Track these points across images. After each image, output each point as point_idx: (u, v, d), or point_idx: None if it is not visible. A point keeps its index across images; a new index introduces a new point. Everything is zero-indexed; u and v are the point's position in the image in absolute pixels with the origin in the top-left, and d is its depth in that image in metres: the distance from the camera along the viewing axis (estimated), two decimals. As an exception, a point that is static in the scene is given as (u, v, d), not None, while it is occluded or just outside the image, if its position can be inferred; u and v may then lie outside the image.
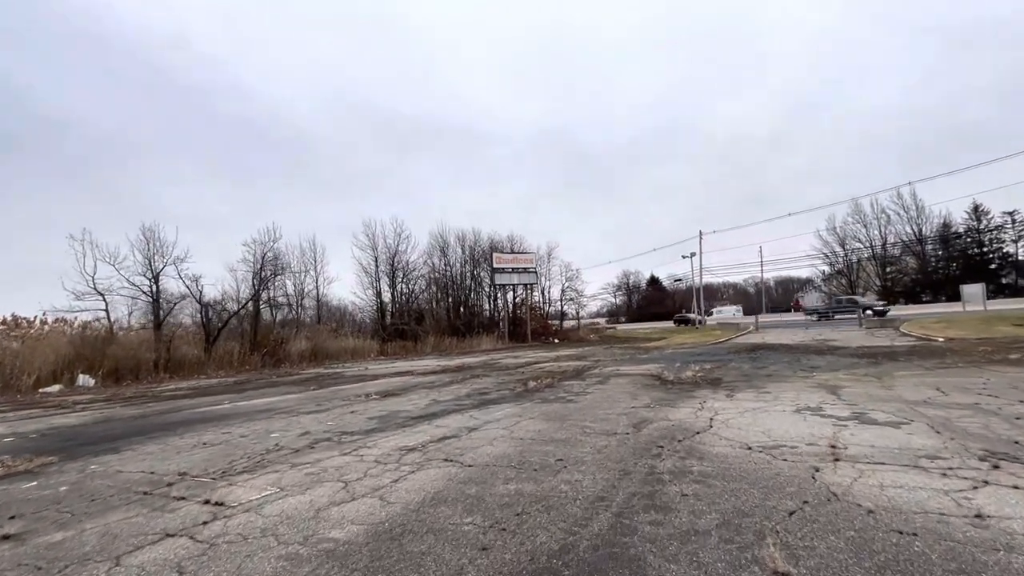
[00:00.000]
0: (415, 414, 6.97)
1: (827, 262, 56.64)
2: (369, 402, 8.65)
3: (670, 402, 6.74)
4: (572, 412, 6.34)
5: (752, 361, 12.16)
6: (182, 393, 12.65)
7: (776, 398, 6.58)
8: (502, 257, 38.03)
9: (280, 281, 31.05)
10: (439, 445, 4.84)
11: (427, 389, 10.17)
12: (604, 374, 11.12)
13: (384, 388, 10.84)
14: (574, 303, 48.15)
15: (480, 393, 8.96)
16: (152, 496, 3.68)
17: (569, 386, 9.20)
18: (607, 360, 15.21)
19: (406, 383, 11.74)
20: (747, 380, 8.69)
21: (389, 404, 8.21)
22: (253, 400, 10.07)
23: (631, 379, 9.83)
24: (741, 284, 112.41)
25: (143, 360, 17.39)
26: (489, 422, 5.97)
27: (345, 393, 10.29)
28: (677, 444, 4.36)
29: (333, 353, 25.31)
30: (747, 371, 10.13)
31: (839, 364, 10.39)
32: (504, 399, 7.99)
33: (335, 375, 15.80)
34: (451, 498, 3.25)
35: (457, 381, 11.45)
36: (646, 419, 5.59)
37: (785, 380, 8.41)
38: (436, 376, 13.15)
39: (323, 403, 8.87)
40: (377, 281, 33.91)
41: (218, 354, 20.72)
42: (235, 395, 11.36)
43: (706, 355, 15.05)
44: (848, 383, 7.62)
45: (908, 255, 49.31)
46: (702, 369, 10.85)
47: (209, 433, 6.31)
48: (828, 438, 4.26)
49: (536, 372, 12.43)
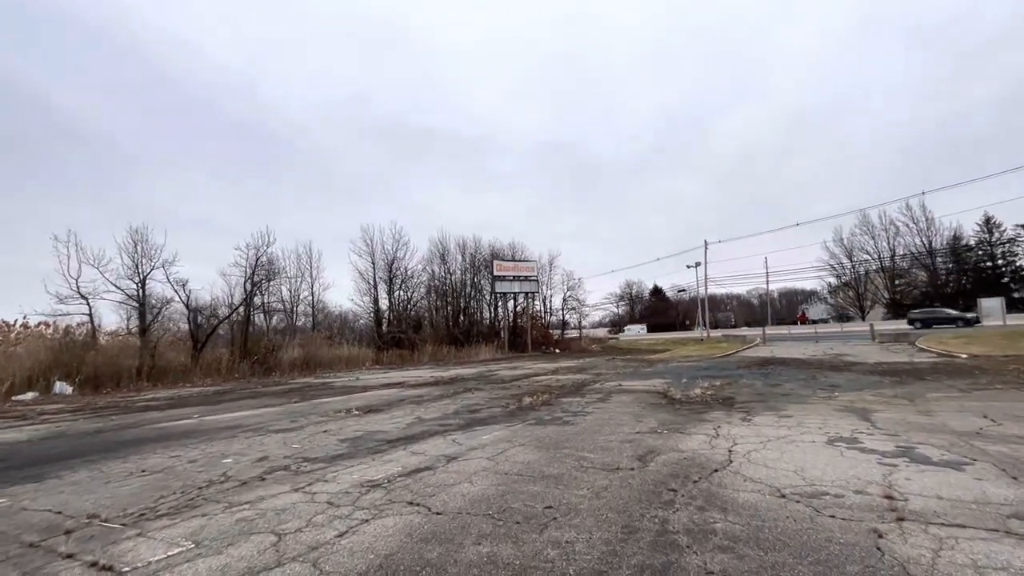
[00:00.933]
0: (393, 436, 6.22)
1: (834, 274, 55.77)
2: (348, 419, 7.90)
3: (679, 426, 5.97)
4: (569, 437, 5.58)
5: (764, 377, 11.36)
6: (157, 404, 11.92)
7: (800, 424, 5.80)
8: (503, 265, 37.37)
9: (275, 286, 30.45)
10: (408, 481, 4.09)
11: (414, 404, 9.41)
12: (606, 390, 10.34)
13: (369, 402, 10.08)
14: (576, 312, 47.40)
15: (470, 410, 8.20)
16: (35, 550, 2.94)
17: (567, 404, 8.43)
18: (609, 373, 14.43)
19: (393, 397, 10.98)
20: (763, 400, 7.90)
21: (368, 422, 7.45)
22: (226, 414, 9.33)
23: (635, 396, 9.05)
24: (745, 295, 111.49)
25: (125, 367, 16.67)
26: (473, 449, 5.21)
27: (326, 407, 9.54)
28: (692, 487, 3.59)
29: (327, 362, 24.56)
30: (761, 389, 9.33)
31: (861, 383, 9.59)
32: (495, 419, 7.23)
33: (323, 386, 15.06)
34: (404, 566, 2.50)
35: (448, 395, 10.69)
36: (653, 449, 4.83)
37: (805, 401, 7.62)
38: (427, 389, 12.39)
39: (298, 419, 8.12)
40: (374, 288, 33.24)
41: (205, 361, 20.01)
42: (210, 407, 10.62)
43: (713, 369, 14.24)
44: (878, 406, 6.83)
45: (917, 268, 48.32)
46: (711, 386, 10.06)
47: (156, 456, 5.57)
48: (879, 483, 3.48)
49: (533, 386, 11.66)
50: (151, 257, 19.18)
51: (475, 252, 39.92)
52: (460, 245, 39.40)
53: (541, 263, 43.79)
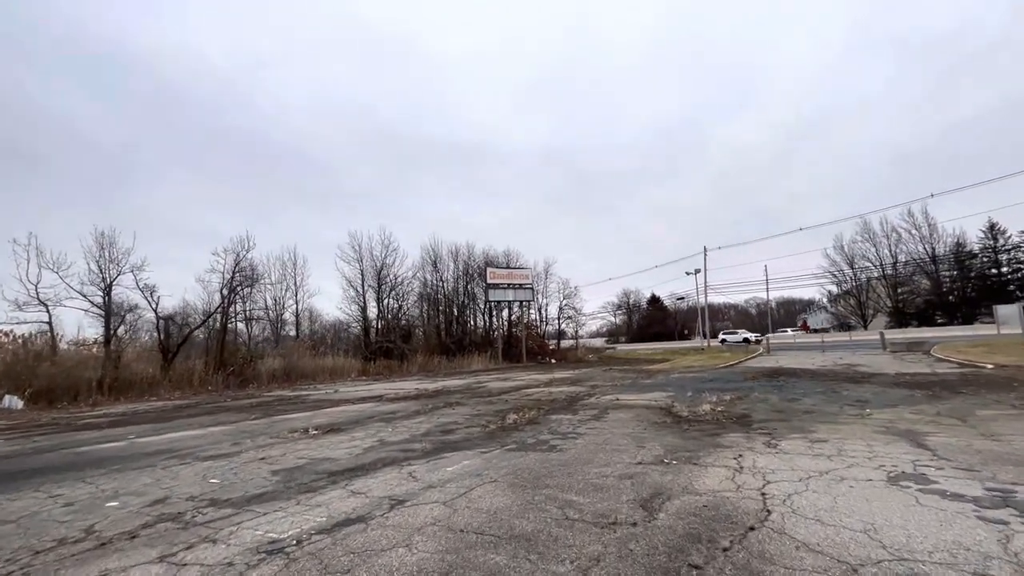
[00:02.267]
0: (340, 465, 5.08)
1: (834, 281, 54.88)
2: (299, 441, 6.74)
3: (691, 454, 4.85)
4: (553, 469, 4.45)
5: (778, 391, 10.24)
6: (102, 422, 10.71)
7: (841, 452, 4.69)
8: (496, 272, 36.28)
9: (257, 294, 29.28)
10: (325, 542, 2.95)
11: (383, 423, 8.25)
12: (601, 405, 9.20)
13: (334, 420, 8.92)
14: (572, 322, 46.29)
15: (443, 430, 7.05)
16: None
17: (557, 422, 7.29)
18: (606, 385, 13.29)
19: (364, 413, 9.82)
20: (784, 419, 6.79)
21: (321, 445, 6.30)
22: (166, 434, 8.15)
23: (635, 413, 7.92)
24: (743, 305, 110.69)
25: (83, 379, 15.42)
26: (431, 487, 4.08)
27: (284, 426, 8.38)
28: (723, 559, 2.47)
29: (309, 373, 23.32)
30: (778, 405, 8.22)
31: (890, 397, 8.49)
32: (469, 442, 6.09)
33: (295, 399, 13.85)
34: None
35: (425, 411, 9.53)
36: (660, 489, 3.71)
37: (835, 420, 6.51)
38: (405, 403, 11.22)
39: (243, 441, 6.96)
40: (362, 296, 32.07)
41: (177, 373, 18.77)
42: (156, 426, 9.43)
43: (719, 381, 13.12)
44: (926, 427, 5.72)
45: (920, 275, 47.44)
46: (721, 401, 8.94)
47: (32, 496, 4.41)
48: (1002, 557, 2.37)
49: (521, 401, 10.51)
50: (118, 262, 18.02)
51: (468, 259, 38.92)
52: (453, 252, 38.41)
53: (536, 271, 42.77)
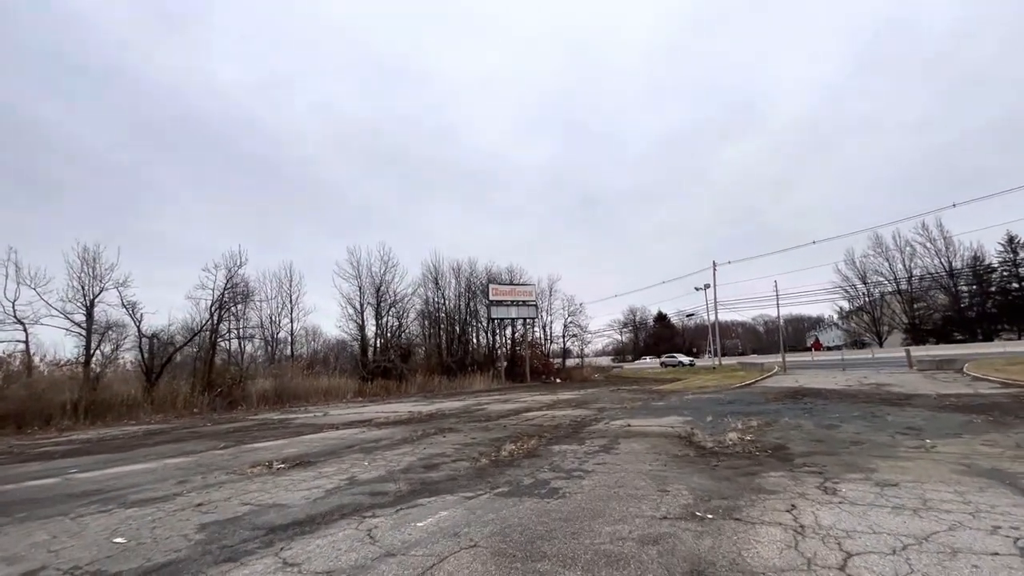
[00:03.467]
0: (287, 517, 4.06)
1: (846, 297, 53.37)
2: (256, 479, 5.72)
3: (729, 503, 3.80)
4: (553, 527, 3.42)
5: (810, 415, 9.12)
6: (64, 449, 9.73)
7: (926, 502, 3.63)
8: (499, 289, 35.38)
9: (251, 311, 28.49)
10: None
11: (362, 453, 7.22)
12: (611, 432, 8.13)
13: (308, 450, 7.89)
14: (577, 339, 45.13)
15: (427, 465, 6.02)
16: None
17: (560, 455, 6.24)
18: (614, 408, 12.18)
19: (345, 440, 8.78)
20: (830, 451, 5.71)
21: (277, 486, 5.28)
22: (114, 467, 7.14)
23: (650, 443, 6.85)
24: (750, 323, 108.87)
25: (57, 402, 14.49)
26: (389, 556, 3.06)
27: (249, 458, 7.36)
28: None
29: (303, 394, 22.26)
30: (815, 432, 7.12)
31: (946, 424, 7.37)
32: (454, 481, 5.06)
33: (278, 424, 12.82)
34: None
35: (413, 439, 8.49)
36: (700, 564, 2.67)
37: (894, 454, 5.42)
38: (393, 429, 10.17)
39: (191, 479, 5.95)
40: (360, 313, 31.15)
41: (160, 395, 17.79)
42: (113, 456, 8.44)
43: (738, 403, 11.99)
44: (1017, 465, 4.63)
45: (937, 290, 45.93)
46: (748, 427, 7.85)
47: None
48: None
49: (521, 427, 9.45)
50: (100, 278, 17.28)
51: (471, 276, 38.02)
52: (455, 268, 37.53)
53: (540, 288, 41.85)
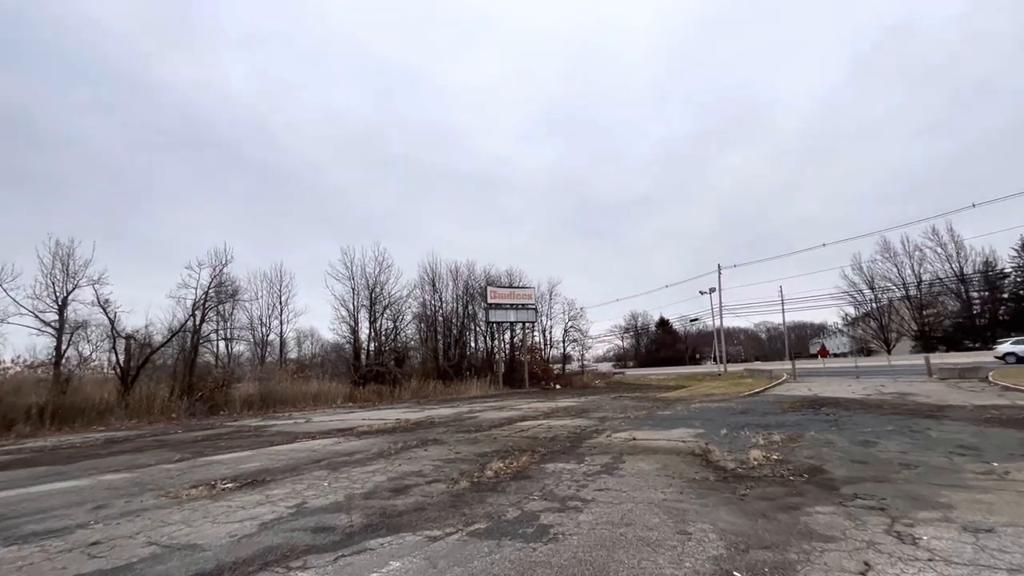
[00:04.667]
0: (190, 569, 3.10)
1: (853, 303, 52.22)
2: (185, 506, 4.76)
3: (776, 557, 2.82)
4: (537, 596, 2.46)
5: (836, 428, 8.12)
6: (9, 459, 8.79)
7: (1048, 561, 2.65)
8: (498, 292, 34.45)
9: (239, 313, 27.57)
10: None
11: (327, 470, 6.26)
12: (614, 446, 7.14)
13: (269, 464, 6.93)
14: (578, 344, 44.16)
15: (395, 488, 5.05)
16: None
17: (554, 476, 5.26)
18: (617, 418, 11.18)
19: (315, 453, 7.81)
20: (878, 475, 4.73)
21: (207, 516, 4.32)
22: (38, 485, 6.19)
23: (660, 462, 5.86)
24: (752, 329, 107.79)
25: (21, 406, 13.55)
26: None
27: (199, 474, 6.41)
28: None
29: (289, 399, 21.30)
30: (851, 450, 6.14)
31: (1003, 441, 6.37)
32: (422, 513, 4.08)
33: (253, 432, 11.84)
34: None
35: (391, 453, 7.52)
36: None
37: (962, 482, 4.44)
38: (373, 440, 9.20)
39: (113, 503, 5.00)
40: (353, 316, 30.21)
41: (136, 399, 16.85)
42: (53, 468, 7.52)
43: (752, 413, 10.99)
44: None
45: (947, 297, 44.83)
46: (770, 443, 6.86)
47: None
48: None
49: (513, 439, 8.47)
50: (74, 275, 16.38)
51: (469, 278, 37.11)
52: (452, 271, 36.64)
53: (540, 291, 40.97)
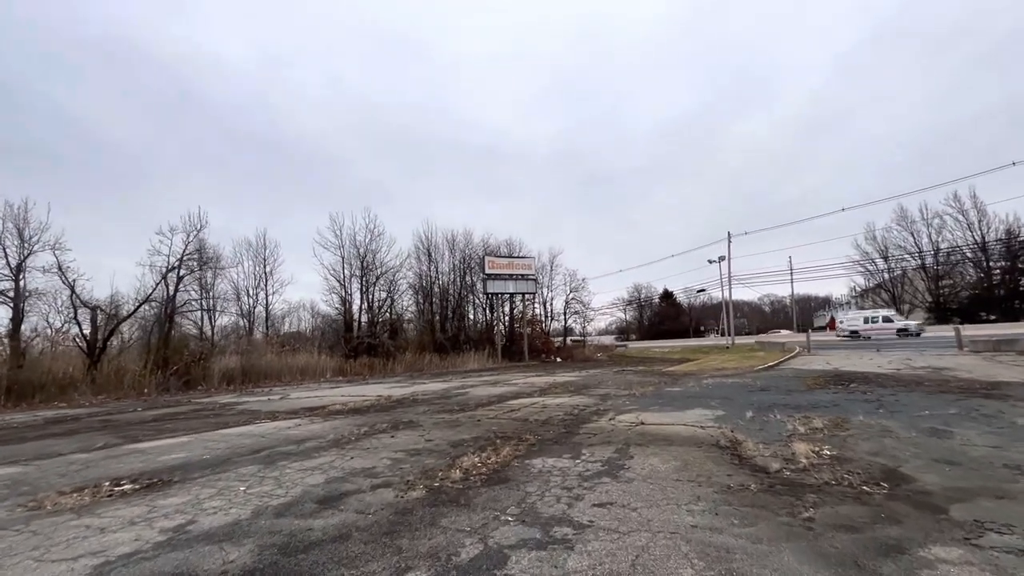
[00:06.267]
0: None
1: (864, 272, 50.50)
2: (31, 524, 3.50)
3: None
4: None
5: (886, 412, 6.80)
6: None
7: None
8: (496, 262, 32.98)
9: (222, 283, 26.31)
10: None
11: (258, 466, 5.00)
12: (618, 434, 5.86)
13: (196, 456, 5.69)
14: (580, 317, 42.95)
15: (325, 500, 3.76)
16: None
17: (540, 481, 3.96)
18: (620, 395, 9.93)
19: (261, 441, 6.58)
20: (992, 487, 3.40)
21: (37, 546, 3.05)
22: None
23: (679, 457, 4.56)
24: (756, 302, 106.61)
25: (-31, 382, 12.43)
26: None
27: (104, 470, 5.17)
28: None
29: (274, 373, 20.24)
30: (925, 444, 4.82)
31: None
32: (342, 544, 2.79)
33: (216, 410, 10.67)
34: None
35: (347, 441, 6.27)
36: None
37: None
38: (338, 422, 7.97)
39: (-49, 517, 3.74)
40: (345, 286, 28.92)
41: (103, 374, 15.74)
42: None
43: (774, 390, 9.70)
44: None
45: (967, 265, 43.09)
46: (811, 429, 5.55)
47: None
48: None
49: (500, 422, 7.21)
50: (30, 240, 15.01)
51: (466, 248, 35.62)
52: (449, 240, 35.11)
53: (541, 262, 39.56)
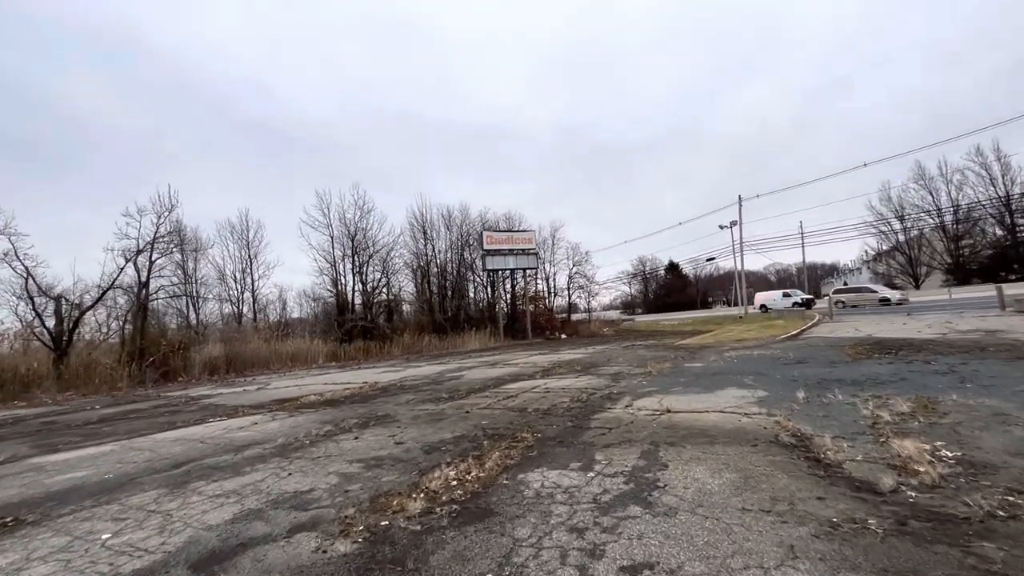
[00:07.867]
0: None
1: (877, 234, 48.43)
2: None
3: None
4: None
5: (975, 386, 5.42)
6: None
7: None
8: (495, 237, 31.42)
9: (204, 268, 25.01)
10: None
11: (162, 489, 3.70)
12: (640, 428, 4.51)
13: (108, 472, 4.41)
14: (584, 291, 41.51)
15: (210, 559, 2.45)
16: None
17: (536, 513, 2.62)
18: (635, 373, 8.60)
19: (193, 449, 5.32)
20: None
21: None
22: None
23: (733, 466, 3.21)
24: (762, 271, 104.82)
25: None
26: None
27: None
28: None
29: (262, 360, 19.09)
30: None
31: None
32: None
33: (177, 405, 9.45)
34: None
35: (294, 448, 4.99)
36: None
37: None
38: (302, 419, 6.70)
39: None
40: (335, 266, 27.54)
41: (74, 367, 14.58)
42: None
43: (814, 362, 8.34)
44: None
45: (988, 222, 41.12)
46: (898, 416, 4.19)
47: None
48: None
49: (493, 414, 5.89)
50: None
51: (463, 224, 33.98)
52: (445, 216, 33.47)
53: (542, 236, 37.80)
